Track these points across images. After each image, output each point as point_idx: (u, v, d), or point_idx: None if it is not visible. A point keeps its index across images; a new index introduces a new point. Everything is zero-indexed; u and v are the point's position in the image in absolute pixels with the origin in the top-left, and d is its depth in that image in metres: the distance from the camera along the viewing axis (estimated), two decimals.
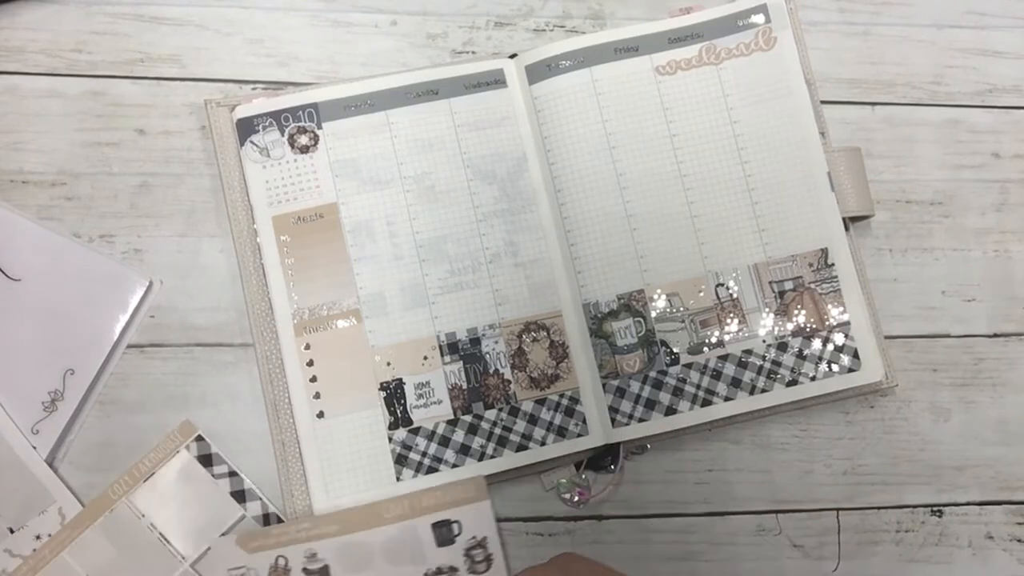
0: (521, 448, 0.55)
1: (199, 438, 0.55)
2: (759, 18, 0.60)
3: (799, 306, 0.57)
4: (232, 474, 0.54)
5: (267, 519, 0.54)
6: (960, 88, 0.64)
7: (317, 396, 0.55)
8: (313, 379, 0.55)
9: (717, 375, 0.56)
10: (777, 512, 0.58)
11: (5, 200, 0.56)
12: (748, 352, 0.57)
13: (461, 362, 0.56)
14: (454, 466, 0.55)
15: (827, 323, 0.57)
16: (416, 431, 0.55)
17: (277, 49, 0.60)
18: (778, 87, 0.59)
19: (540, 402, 0.56)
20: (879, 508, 0.59)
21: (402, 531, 0.49)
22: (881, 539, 0.59)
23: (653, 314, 0.57)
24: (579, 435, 0.56)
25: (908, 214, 0.62)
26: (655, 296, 0.57)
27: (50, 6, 0.59)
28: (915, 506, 0.59)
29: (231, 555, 0.51)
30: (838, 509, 0.58)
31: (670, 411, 0.56)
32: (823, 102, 0.61)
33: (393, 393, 0.55)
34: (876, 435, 0.59)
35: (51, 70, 0.58)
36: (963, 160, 0.63)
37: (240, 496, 0.54)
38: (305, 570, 0.50)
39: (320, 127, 0.57)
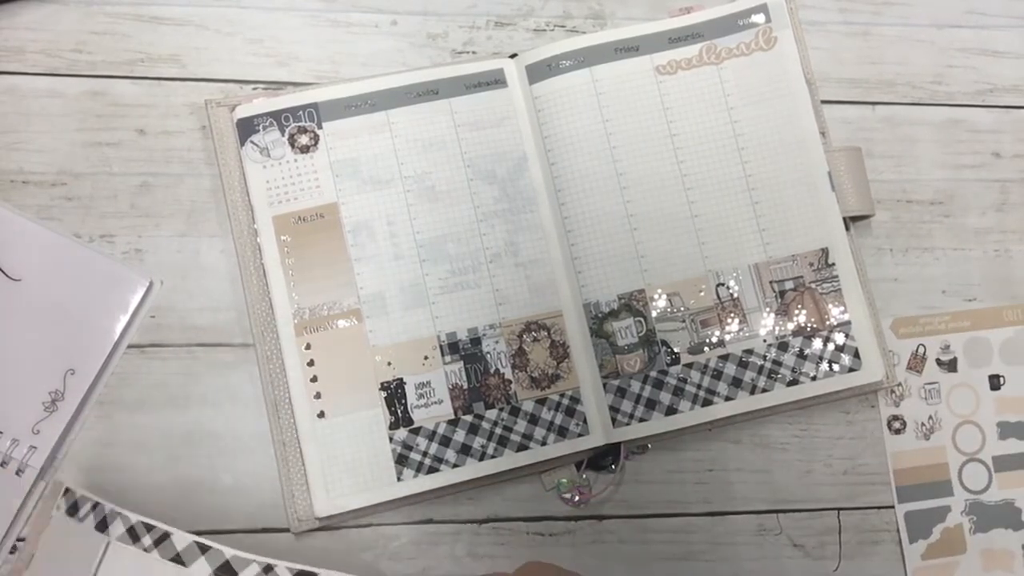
0: (522, 448, 0.55)
1: (66, 491, 0.51)
2: (759, 18, 0.60)
3: (800, 306, 0.57)
4: (95, 506, 0.51)
5: (134, 532, 0.51)
6: (960, 88, 0.64)
7: (318, 396, 0.55)
8: (314, 379, 0.55)
9: (718, 375, 0.56)
10: (778, 512, 0.58)
11: (5, 200, 0.56)
12: (749, 352, 0.57)
13: (462, 362, 0.56)
14: (455, 466, 0.55)
15: (828, 323, 0.57)
16: (417, 431, 0.55)
17: (277, 49, 0.60)
18: (778, 87, 0.59)
19: (541, 402, 0.56)
20: (880, 508, 0.59)
21: (1019, 333, 0.56)
22: (882, 539, 0.59)
23: (654, 314, 0.57)
24: (580, 435, 0.56)
25: (909, 214, 0.62)
26: (656, 296, 0.57)
27: (50, 6, 0.59)
28: None
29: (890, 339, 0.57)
30: (839, 509, 0.58)
31: (671, 411, 0.56)
32: (823, 102, 0.61)
33: (394, 393, 0.55)
34: (876, 435, 0.59)
35: (51, 70, 0.58)
36: (963, 160, 0.63)
37: (103, 524, 0.51)
38: (938, 360, 0.56)
39: (320, 127, 0.57)
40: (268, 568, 0.49)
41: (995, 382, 0.61)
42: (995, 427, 0.60)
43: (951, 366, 0.60)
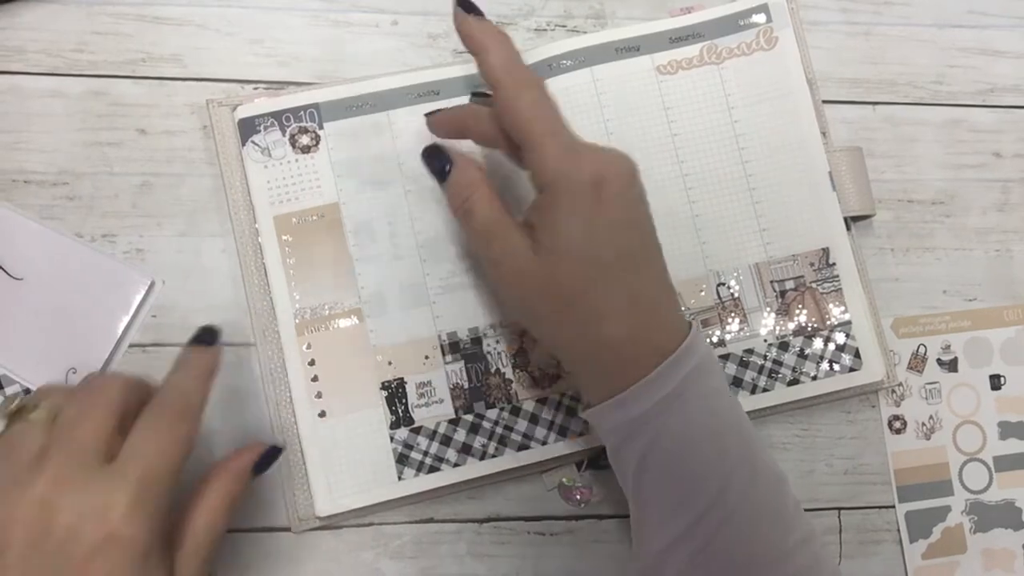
0: (523, 447, 0.55)
1: None
2: (760, 17, 0.60)
3: (800, 305, 0.57)
4: None
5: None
6: (961, 88, 0.64)
7: (319, 396, 0.55)
8: (315, 379, 0.55)
9: None
10: None
11: (7, 200, 0.56)
12: (749, 351, 0.57)
13: (462, 361, 0.56)
14: (456, 465, 0.55)
15: (828, 322, 0.57)
16: (418, 430, 0.55)
17: (278, 49, 0.60)
18: (779, 86, 0.59)
19: (542, 401, 0.56)
20: (880, 507, 0.59)
21: (1020, 333, 0.57)
22: (882, 538, 0.59)
23: None
24: (580, 434, 0.56)
25: (910, 213, 0.62)
26: None
27: (51, 6, 0.59)
28: None
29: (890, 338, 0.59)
30: (839, 508, 0.58)
31: None
32: (824, 102, 0.61)
33: (394, 393, 0.55)
34: (877, 434, 0.59)
35: (52, 70, 0.58)
36: (964, 160, 0.63)
37: None
38: (939, 360, 0.58)
39: (321, 127, 0.57)
40: None
41: (996, 382, 0.61)
42: (996, 427, 0.60)
43: (952, 366, 0.60)
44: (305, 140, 0.57)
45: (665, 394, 0.45)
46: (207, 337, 0.48)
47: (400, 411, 0.55)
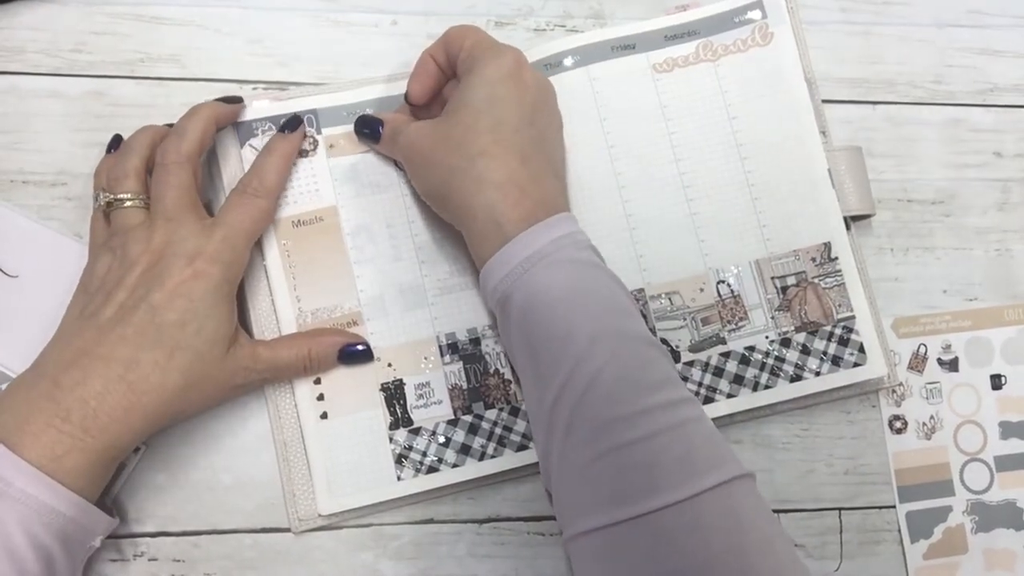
0: (522, 448, 0.55)
1: None
2: (755, 14, 0.60)
3: (802, 301, 0.57)
4: None
5: None
6: (961, 87, 0.64)
7: (320, 398, 0.55)
8: (317, 381, 0.55)
9: (719, 372, 0.56)
10: (778, 511, 0.58)
11: (5, 200, 0.56)
12: (751, 349, 0.57)
13: (461, 362, 0.56)
14: (454, 466, 0.54)
15: (831, 317, 0.57)
16: (417, 431, 0.55)
17: (277, 49, 0.60)
18: (776, 83, 0.59)
19: None
20: (881, 507, 0.59)
21: (1020, 333, 0.59)
22: (883, 538, 0.58)
23: (654, 313, 0.57)
24: None
25: (909, 213, 0.62)
26: (655, 295, 0.57)
27: (50, 6, 0.59)
28: None
29: (891, 338, 0.60)
30: (840, 508, 0.58)
31: None
32: (824, 101, 0.61)
33: (393, 394, 0.55)
34: (878, 434, 0.59)
35: (51, 70, 0.58)
36: (965, 159, 0.63)
37: None
38: (939, 360, 0.59)
39: (320, 132, 0.57)
40: None
41: (996, 382, 0.60)
42: (997, 427, 0.60)
43: (952, 366, 0.60)
44: (303, 145, 0.57)
45: (529, 254, 0.48)
46: (289, 125, 0.56)
47: (399, 412, 0.55)
